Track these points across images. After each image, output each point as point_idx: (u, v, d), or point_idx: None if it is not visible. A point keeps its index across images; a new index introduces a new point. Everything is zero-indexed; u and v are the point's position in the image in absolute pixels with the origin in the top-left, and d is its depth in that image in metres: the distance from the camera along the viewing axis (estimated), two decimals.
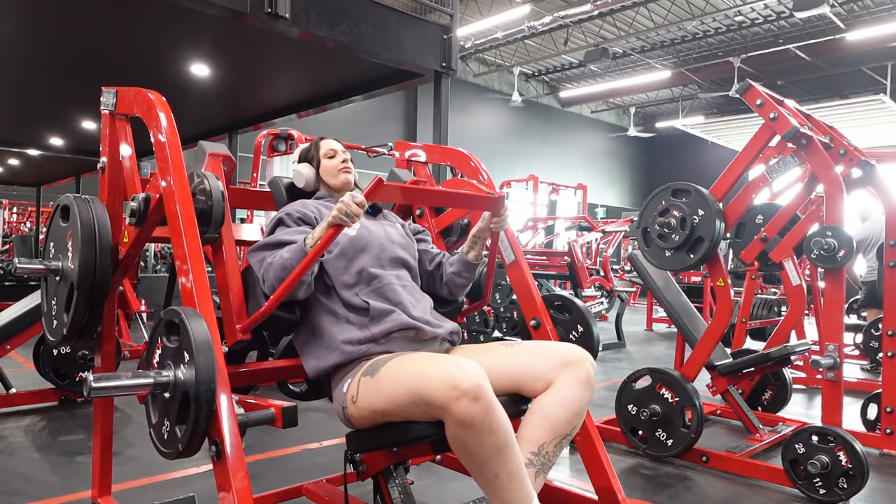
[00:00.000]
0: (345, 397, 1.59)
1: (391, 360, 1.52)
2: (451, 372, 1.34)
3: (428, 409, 1.37)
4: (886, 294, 3.16)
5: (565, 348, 1.60)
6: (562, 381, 1.54)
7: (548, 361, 1.56)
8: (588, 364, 1.57)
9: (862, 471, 2.43)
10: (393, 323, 1.66)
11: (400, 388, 1.42)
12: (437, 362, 1.41)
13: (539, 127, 18.30)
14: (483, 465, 1.38)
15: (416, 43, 4.27)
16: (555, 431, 1.51)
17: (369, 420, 1.53)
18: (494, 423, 1.34)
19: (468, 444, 1.36)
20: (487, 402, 1.33)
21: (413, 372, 1.42)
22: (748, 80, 2.91)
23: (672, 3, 12.48)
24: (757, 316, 6.14)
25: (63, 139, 7.82)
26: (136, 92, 1.77)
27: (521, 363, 1.59)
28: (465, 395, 1.31)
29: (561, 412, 1.52)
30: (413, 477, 2.58)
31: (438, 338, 1.76)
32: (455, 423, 1.34)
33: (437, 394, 1.33)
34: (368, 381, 1.52)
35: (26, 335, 3.62)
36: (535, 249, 8.99)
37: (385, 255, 1.81)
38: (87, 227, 1.68)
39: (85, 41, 4.37)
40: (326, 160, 2.01)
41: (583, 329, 2.39)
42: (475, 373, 1.35)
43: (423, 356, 1.50)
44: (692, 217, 2.75)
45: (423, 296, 1.84)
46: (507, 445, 1.38)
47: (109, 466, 2.03)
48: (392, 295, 1.72)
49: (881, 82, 14.61)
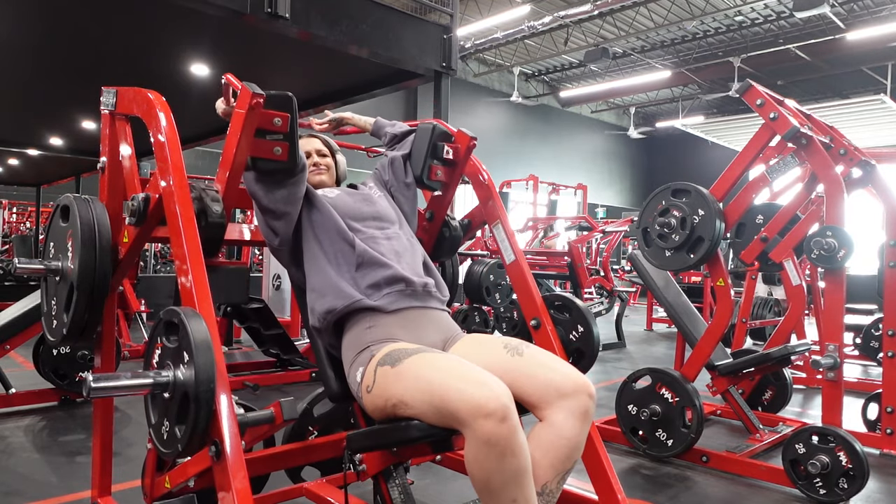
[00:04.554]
0: (359, 387, 1.58)
1: (415, 356, 1.48)
2: (479, 389, 1.31)
3: (449, 421, 1.34)
4: (886, 294, 3.16)
5: (563, 376, 1.50)
6: (558, 415, 1.46)
7: (544, 391, 1.48)
8: (585, 396, 1.48)
9: (862, 471, 2.43)
10: (381, 276, 1.68)
11: (423, 392, 1.39)
12: (465, 374, 1.37)
13: (539, 127, 18.29)
14: (501, 491, 1.32)
15: (416, 43, 4.27)
16: (556, 469, 1.46)
17: (383, 410, 1.51)
18: (518, 445, 1.30)
19: (487, 465, 1.31)
20: (514, 424, 1.30)
21: (438, 380, 1.38)
22: (748, 80, 2.91)
23: (672, 3, 12.48)
24: (757, 316, 6.15)
25: (63, 139, 7.81)
26: (136, 92, 1.77)
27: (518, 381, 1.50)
28: (493, 415, 1.27)
29: (560, 450, 1.45)
30: (413, 477, 2.58)
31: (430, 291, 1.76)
32: (478, 440, 1.29)
33: (463, 409, 1.30)
34: (388, 372, 1.48)
35: (26, 335, 3.62)
36: (535, 249, 8.99)
37: (363, 214, 1.84)
38: (87, 227, 1.67)
39: (85, 41, 4.36)
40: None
41: (583, 329, 2.38)
42: (503, 392, 1.32)
43: (448, 361, 1.45)
44: (692, 217, 2.75)
45: (411, 248, 1.84)
46: (527, 470, 1.34)
47: (109, 466, 2.03)
48: (376, 247, 1.75)
49: (881, 82, 14.60)
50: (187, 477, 1.53)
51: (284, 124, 1.67)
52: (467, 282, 5.86)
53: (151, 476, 1.85)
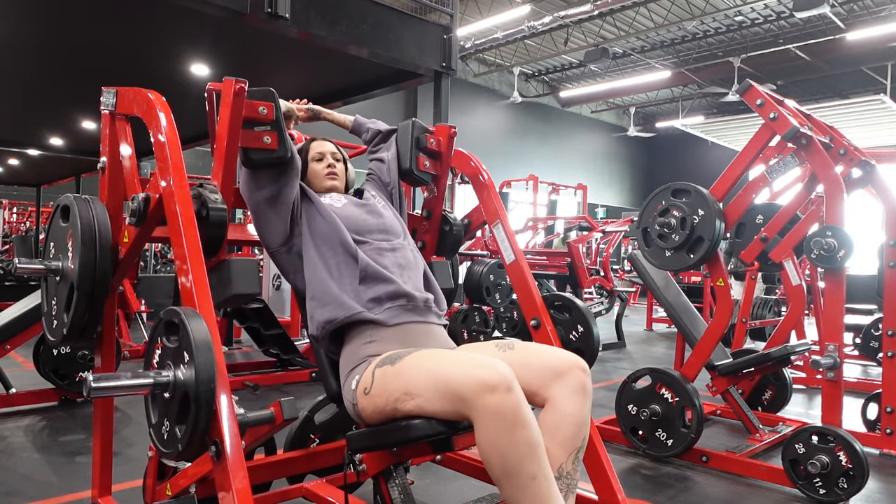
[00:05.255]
0: (354, 393, 1.58)
1: (415, 353, 1.50)
2: (482, 369, 1.33)
3: (456, 404, 1.34)
4: (886, 294, 3.16)
5: (556, 357, 1.55)
6: (557, 394, 1.50)
7: (540, 375, 1.51)
8: (579, 370, 1.52)
9: (862, 471, 2.43)
10: (384, 291, 1.68)
11: (427, 380, 1.40)
12: (466, 357, 1.40)
13: (539, 127, 18.29)
14: (520, 467, 1.31)
15: (416, 43, 4.27)
16: (566, 448, 1.48)
17: (381, 412, 1.51)
18: (527, 416, 1.32)
19: (500, 441, 1.30)
20: (519, 395, 1.32)
21: (442, 366, 1.40)
22: (748, 80, 2.91)
23: (672, 3, 12.48)
24: (757, 316, 6.15)
25: (63, 139, 7.82)
26: (136, 92, 1.77)
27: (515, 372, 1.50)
28: (498, 388, 1.29)
29: (566, 428, 1.48)
30: (413, 477, 2.58)
31: (430, 307, 1.76)
32: (488, 415, 1.30)
33: (469, 388, 1.31)
34: (388, 371, 1.49)
35: (26, 335, 3.62)
36: (535, 249, 8.99)
37: (368, 226, 1.83)
38: (87, 227, 1.67)
39: (85, 41, 4.37)
40: (314, 163, 1.99)
41: (583, 329, 2.38)
42: (506, 370, 1.34)
43: (449, 352, 1.49)
44: (692, 217, 2.75)
45: (414, 262, 1.84)
46: (540, 444, 1.34)
47: (109, 466, 2.03)
48: (380, 260, 1.74)
49: (881, 82, 14.60)
50: (189, 482, 1.53)
51: (270, 113, 1.75)
52: (467, 282, 5.85)
53: (153, 484, 1.85)
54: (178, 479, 1.58)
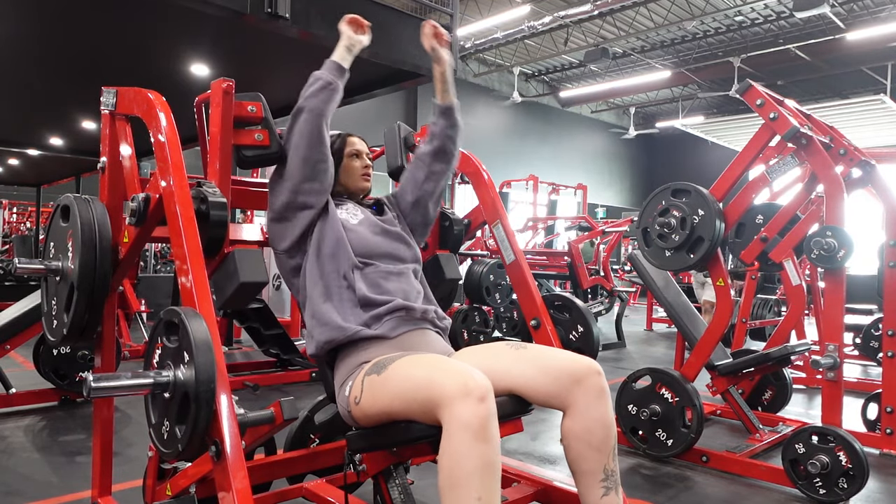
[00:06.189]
0: (347, 400, 1.59)
1: (400, 360, 1.50)
2: (460, 376, 1.34)
3: (431, 408, 1.34)
4: (886, 294, 3.16)
5: (574, 363, 1.56)
6: (580, 400, 1.53)
7: (559, 381, 1.53)
8: (596, 375, 1.55)
9: (862, 471, 2.43)
10: (383, 307, 1.67)
11: (408, 390, 1.41)
12: (448, 363, 1.41)
13: (539, 127, 18.28)
14: (468, 481, 1.27)
15: (417, 43, 4.25)
16: (603, 450, 1.53)
17: (373, 419, 1.53)
18: (491, 431, 1.30)
19: (459, 449, 1.28)
20: (492, 408, 1.32)
21: (421, 374, 1.41)
22: (748, 80, 2.91)
23: (672, 3, 12.48)
24: (757, 316, 6.15)
25: (63, 139, 7.81)
26: (136, 92, 1.77)
27: (530, 375, 1.56)
28: (472, 394, 1.29)
29: (597, 431, 1.53)
30: (413, 477, 2.57)
31: (429, 317, 1.75)
32: (455, 422, 1.29)
33: (445, 393, 1.31)
34: (374, 380, 1.50)
35: (26, 335, 3.62)
36: (535, 249, 8.99)
37: (379, 250, 1.80)
38: (87, 227, 1.67)
39: (85, 41, 4.36)
40: (350, 159, 1.93)
41: (583, 329, 2.39)
42: (483, 380, 1.34)
43: (432, 357, 1.50)
44: (692, 217, 2.75)
45: (417, 289, 1.82)
46: (496, 466, 1.31)
47: (109, 466, 2.03)
48: (384, 283, 1.73)
49: (881, 82, 14.59)
50: (189, 482, 1.53)
51: (259, 111, 1.81)
52: (467, 282, 5.85)
53: (153, 484, 1.85)
54: (178, 479, 1.58)
